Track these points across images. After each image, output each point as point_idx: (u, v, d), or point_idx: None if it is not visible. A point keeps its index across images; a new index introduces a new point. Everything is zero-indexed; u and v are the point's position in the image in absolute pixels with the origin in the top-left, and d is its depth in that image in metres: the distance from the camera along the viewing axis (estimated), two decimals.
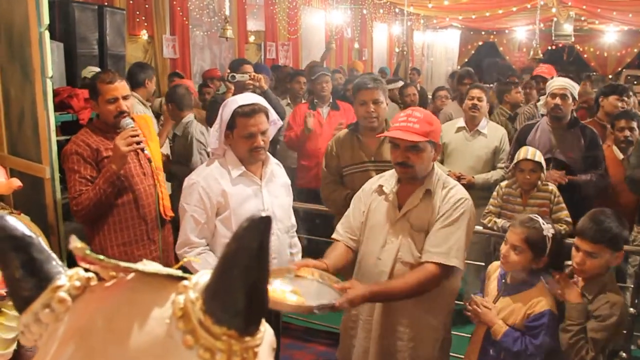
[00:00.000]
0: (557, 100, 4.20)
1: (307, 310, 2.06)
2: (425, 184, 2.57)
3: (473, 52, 19.09)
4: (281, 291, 2.09)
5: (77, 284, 0.65)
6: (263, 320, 0.64)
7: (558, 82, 4.33)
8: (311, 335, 4.45)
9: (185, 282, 0.62)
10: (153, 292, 0.63)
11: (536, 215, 2.68)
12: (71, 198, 3.04)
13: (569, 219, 3.76)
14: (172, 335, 0.59)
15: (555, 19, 12.59)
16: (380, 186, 2.68)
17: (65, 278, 0.65)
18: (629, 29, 16.29)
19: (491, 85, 8.90)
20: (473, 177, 4.52)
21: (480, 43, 19.16)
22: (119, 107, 3.08)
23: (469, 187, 4.46)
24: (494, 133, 4.75)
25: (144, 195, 3.17)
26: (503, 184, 4.09)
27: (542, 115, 4.71)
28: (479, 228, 4.14)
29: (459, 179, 4.44)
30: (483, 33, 18.97)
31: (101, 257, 0.62)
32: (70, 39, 5.15)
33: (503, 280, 2.69)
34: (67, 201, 3.82)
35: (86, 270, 0.68)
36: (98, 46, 5.57)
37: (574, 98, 4.27)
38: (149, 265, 0.64)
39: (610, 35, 17.20)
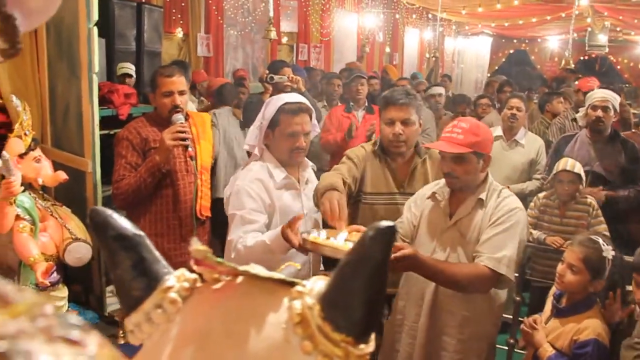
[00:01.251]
0: (599, 113, 4.12)
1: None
2: (476, 193, 2.49)
3: (504, 59, 18.96)
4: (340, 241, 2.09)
5: (186, 285, 0.65)
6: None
7: (599, 94, 4.25)
8: None
9: (299, 288, 0.62)
10: (266, 296, 0.63)
11: (596, 237, 2.61)
12: (114, 181, 3.09)
13: (607, 234, 3.70)
14: (289, 340, 0.59)
15: (589, 29, 12.47)
16: (434, 193, 2.61)
17: (174, 279, 0.65)
18: None
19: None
20: (509, 187, 4.48)
21: (511, 51, 19.01)
22: (174, 101, 3.13)
23: None
24: (531, 144, 4.70)
25: (182, 191, 3.20)
26: (541, 195, 4.05)
27: (580, 127, 4.66)
28: None
29: None
30: (515, 41, 18.83)
31: (220, 259, 0.62)
32: (110, 35, 5.21)
33: (555, 302, 2.63)
34: (107, 194, 3.88)
35: (191, 270, 0.68)
36: (135, 43, 5.63)
37: (615, 110, 4.20)
38: (258, 269, 0.64)
39: None
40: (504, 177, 4.50)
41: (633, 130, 5.08)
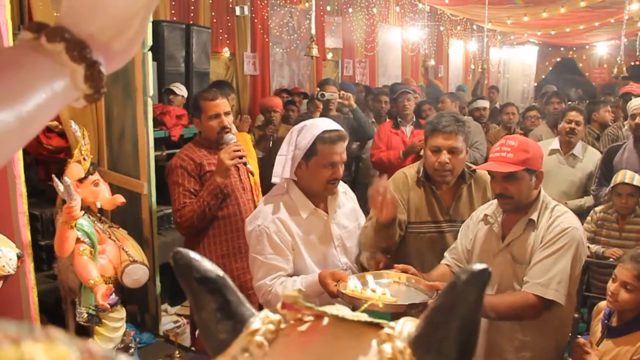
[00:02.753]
0: (638, 120, 4.14)
1: (400, 309, 1.98)
2: (528, 214, 2.42)
3: (551, 68, 18.62)
4: (372, 291, 2.04)
5: (271, 327, 0.65)
6: None
7: (635, 103, 4.28)
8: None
9: (387, 330, 0.61)
10: (354, 339, 0.62)
11: None
12: (175, 210, 3.13)
13: None
14: None
15: None
16: (486, 215, 2.55)
17: (259, 321, 0.65)
18: None
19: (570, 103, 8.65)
20: (566, 202, 4.37)
21: (558, 59, 18.67)
22: (222, 122, 3.18)
23: None
24: (589, 157, 4.54)
25: (243, 209, 3.24)
26: (598, 208, 3.95)
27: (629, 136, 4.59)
28: None
29: None
30: (562, 49, 18.48)
31: (310, 304, 0.62)
32: (160, 57, 5.33)
33: (606, 322, 2.52)
34: (160, 215, 3.95)
35: (274, 311, 0.68)
36: (184, 64, 5.75)
37: None
38: (343, 311, 0.63)
39: None
40: (561, 192, 4.39)
41: None
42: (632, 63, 15.81)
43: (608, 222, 3.83)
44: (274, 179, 2.50)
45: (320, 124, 2.45)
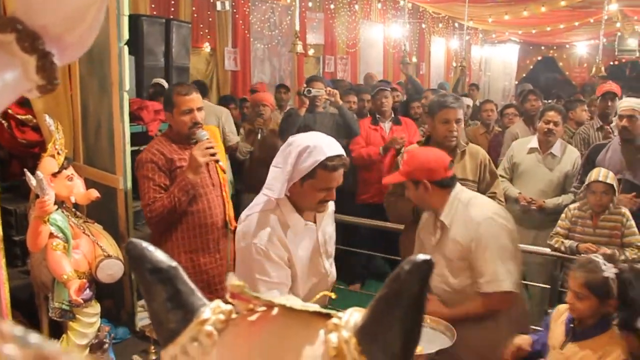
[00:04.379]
0: (625, 122, 4.12)
1: (426, 358, 2.13)
2: (440, 216, 2.67)
3: (531, 67, 18.75)
4: None
5: (222, 317, 0.65)
6: None
7: (625, 104, 4.25)
8: None
9: (334, 320, 0.62)
10: (302, 328, 0.63)
11: (597, 255, 2.51)
12: (145, 205, 3.11)
13: None
14: None
15: (619, 34, 12.29)
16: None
17: (210, 311, 0.65)
18: None
19: (549, 101, 8.71)
20: (544, 201, 4.41)
21: (539, 58, 18.80)
22: (194, 118, 3.16)
23: (540, 211, 4.38)
24: (568, 156, 4.56)
25: (212, 205, 3.24)
26: (572, 206, 3.98)
27: (607, 136, 4.62)
28: (545, 250, 4.05)
29: (529, 203, 4.37)
30: (542, 48, 18.61)
31: (257, 294, 0.62)
32: (139, 51, 5.28)
33: (571, 325, 2.49)
34: (137, 209, 3.92)
35: (226, 302, 0.68)
36: (164, 58, 5.71)
37: None
38: (293, 301, 0.64)
39: None
40: (539, 190, 4.43)
41: None
42: (611, 63, 15.99)
43: (582, 219, 3.87)
44: (268, 192, 2.40)
45: (325, 149, 2.32)
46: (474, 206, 2.62)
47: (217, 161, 3.22)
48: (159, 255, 0.68)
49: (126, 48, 3.30)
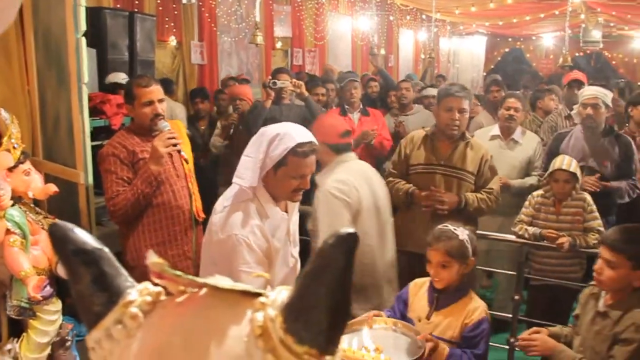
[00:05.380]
0: (589, 110, 4.17)
1: None
2: (318, 175, 3.00)
3: (499, 58, 18.94)
4: (365, 350, 2.14)
5: (148, 299, 0.63)
6: (342, 339, 0.62)
7: (589, 92, 4.29)
8: None
9: (262, 299, 0.60)
10: (228, 308, 0.61)
11: (445, 225, 2.66)
12: (108, 199, 3.07)
13: (602, 228, 3.69)
14: (251, 354, 0.57)
15: (583, 25, 12.44)
16: None
17: (136, 293, 0.63)
18: None
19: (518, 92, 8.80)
20: (508, 181, 4.48)
21: (506, 49, 19.00)
22: (155, 109, 3.14)
23: (505, 190, 4.42)
24: (528, 142, 4.68)
25: (177, 196, 3.22)
26: (535, 193, 4.03)
27: (574, 124, 4.66)
28: (510, 237, 4.08)
29: None
30: (510, 39, 18.80)
31: (178, 272, 0.60)
32: (102, 45, 5.18)
33: (436, 295, 2.60)
34: (100, 206, 3.86)
35: (154, 284, 0.66)
36: (128, 52, 5.62)
37: (607, 106, 4.21)
38: (221, 281, 0.62)
39: None
40: (503, 175, 4.49)
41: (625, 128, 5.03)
42: (577, 54, 16.22)
43: (545, 205, 3.91)
44: (239, 181, 2.41)
45: (294, 135, 2.37)
46: (331, 175, 2.95)
47: (179, 151, 3.19)
48: (84, 236, 0.65)
49: (84, 40, 3.23)
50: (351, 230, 0.57)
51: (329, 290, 0.56)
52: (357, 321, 2.42)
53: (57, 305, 2.95)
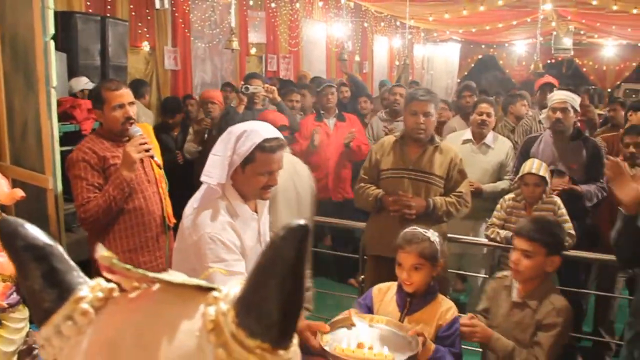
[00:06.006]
0: (558, 115, 4.22)
1: None
2: None
3: (473, 65, 19.14)
4: (364, 347, 2.11)
5: (100, 295, 0.62)
6: (295, 334, 0.61)
7: (558, 96, 4.33)
8: (304, 351, 4.39)
9: (215, 293, 0.59)
10: (181, 303, 0.60)
11: (414, 227, 2.68)
12: (79, 205, 3.02)
13: (572, 232, 3.75)
14: (202, 349, 0.56)
15: (554, 33, 12.63)
16: None
17: (88, 289, 0.62)
18: (627, 43, 16.37)
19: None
20: (481, 186, 4.53)
21: (480, 56, 19.20)
22: (126, 113, 3.11)
23: (477, 194, 4.47)
24: (500, 146, 4.74)
25: (149, 202, 3.19)
26: (507, 196, 4.08)
27: (545, 128, 4.71)
28: (483, 240, 4.13)
29: None
30: (483, 46, 19.01)
31: (128, 266, 0.59)
32: (73, 49, 5.14)
33: (408, 299, 2.60)
34: (70, 212, 3.80)
35: (108, 280, 0.65)
36: (100, 57, 5.56)
37: (575, 110, 4.26)
38: (175, 276, 0.61)
39: (609, 49, 17.28)
40: (475, 179, 4.55)
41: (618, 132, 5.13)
42: (548, 61, 16.47)
43: (517, 209, 3.96)
44: (207, 179, 2.38)
45: (261, 131, 2.36)
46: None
47: (151, 157, 3.17)
48: (35, 232, 0.64)
49: (52, 43, 3.18)
50: (302, 221, 0.56)
51: (280, 282, 0.56)
52: (339, 320, 2.37)
53: (24, 312, 2.89)
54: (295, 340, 0.61)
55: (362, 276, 4.07)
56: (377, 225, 3.76)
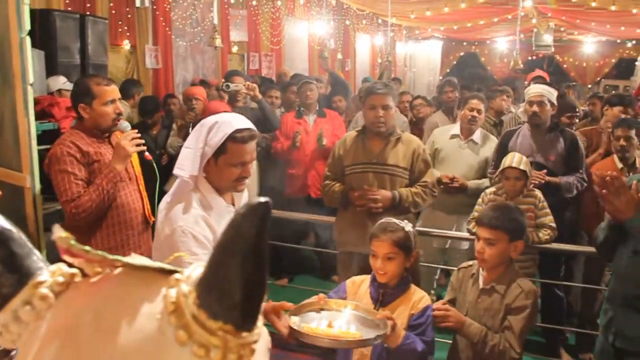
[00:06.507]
0: (535, 108, 4.24)
1: (367, 344, 2.20)
2: None
3: (455, 62, 19.23)
4: (324, 326, 2.15)
5: (60, 279, 0.60)
6: (260, 316, 0.60)
7: (534, 90, 4.36)
8: (295, 345, 4.38)
9: (177, 276, 0.58)
10: (143, 286, 0.59)
11: (389, 218, 2.69)
12: (68, 201, 2.94)
13: (554, 224, 3.77)
14: (163, 331, 0.55)
15: (535, 30, 12.73)
16: None
17: (48, 274, 0.61)
18: (606, 39, 16.55)
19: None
20: (466, 182, 4.53)
21: (461, 53, 19.30)
22: (117, 108, 3.10)
23: (461, 190, 4.47)
24: (487, 143, 4.73)
25: (130, 199, 3.17)
26: (488, 190, 4.09)
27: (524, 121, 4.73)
28: (465, 234, 4.14)
29: (452, 180, 4.46)
30: (465, 44, 19.11)
31: (87, 248, 0.58)
32: (52, 47, 5.08)
33: (381, 290, 2.59)
34: (49, 211, 3.76)
35: (70, 266, 0.63)
36: (80, 55, 5.52)
37: (552, 103, 4.29)
38: (137, 259, 0.60)
39: (589, 45, 17.45)
40: (461, 175, 4.55)
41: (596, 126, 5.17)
42: (529, 58, 16.58)
43: None
44: (179, 172, 2.36)
45: (232, 122, 2.35)
46: None
47: (143, 151, 3.17)
48: None
49: (29, 39, 3.14)
50: (263, 199, 0.55)
51: (241, 261, 0.54)
52: (307, 303, 2.39)
53: None
54: (260, 322, 0.60)
55: None
56: (345, 222, 3.77)
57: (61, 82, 4.80)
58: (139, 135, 3.11)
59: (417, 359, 2.39)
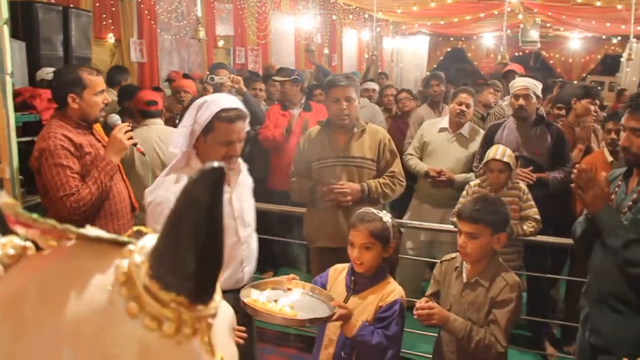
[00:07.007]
0: (521, 101, 4.24)
1: (300, 324, 2.25)
2: None
3: (442, 57, 19.26)
4: (273, 303, 2.21)
5: (11, 252, 0.58)
6: (219, 290, 0.58)
7: (520, 83, 4.35)
8: (282, 339, 4.38)
9: (130, 247, 0.56)
10: (95, 258, 0.57)
11: (368, 208, 2.69)
12: (66, 195, 2.88)
13: (538, 217, 3.77)
14: (114, 303, 0.53)
15: (522, 26, 12.76)
16: None
17: None
18: (592, 35, 16.64)
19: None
20: (453, 175, 4.53)
21: (448, 49, 19.34)
22: (105, 99, 3.10)
23: (449, 184, 4.47)
24: (475, 136, 4.73)
25: (117, 191, 3.17)
26: (472, 182, 4.09)
27: (509, 115, 4.74)
28: (449, 227, 4.14)
29: (439, 174, 4.45)
30: (451, 39, 19.15)
31: (35, 216, 0.56)
32: (34, 39, 5.04)
33: (353, 278, 2.61)
34: (31, 204, 3.71)
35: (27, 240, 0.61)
36: (63, 48, 5.46)
37: (537, 97, 4.30)
38: (91, 230, 0.58)
39: (575, 41, 17.54)
40: (448, 168, 4.56)
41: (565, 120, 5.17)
42: (516, 53, 16.65)
43: None
44: (172, 149, 2.52)
45: (220, 102, 2.48)
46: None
47: (135, 144, 3.20)
48: None
49: (7, 29, 3.10)
50: (217, 164, 0.53)
51: (195, 229, 0.52)
52: (273, 281, 2.47)
53: None
54: (219, 297, 0.58)
55: None
56: (315, 217, 3.72)
57: (45, 73, 4.76)
58: (130, 128, 3.14)
59: (372, 351, 2.41)
